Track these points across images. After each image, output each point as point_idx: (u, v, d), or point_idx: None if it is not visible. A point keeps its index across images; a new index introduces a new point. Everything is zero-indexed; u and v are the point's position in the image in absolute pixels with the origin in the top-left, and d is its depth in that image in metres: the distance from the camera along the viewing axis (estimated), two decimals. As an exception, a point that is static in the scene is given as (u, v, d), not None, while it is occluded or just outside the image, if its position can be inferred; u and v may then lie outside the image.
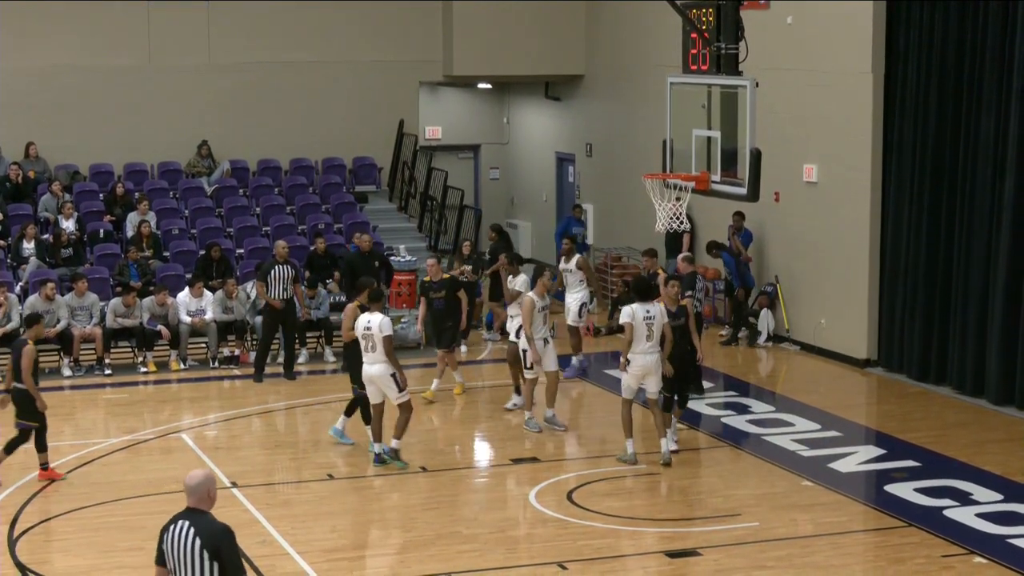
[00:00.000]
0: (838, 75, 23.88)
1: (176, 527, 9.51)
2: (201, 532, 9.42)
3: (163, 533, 9.58)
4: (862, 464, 18.51)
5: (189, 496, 9.60)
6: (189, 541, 9.41)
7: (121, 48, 29.98)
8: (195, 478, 9.62)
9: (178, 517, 9.57)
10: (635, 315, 17.95)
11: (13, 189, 28.11)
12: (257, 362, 23.43)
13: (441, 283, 22.17)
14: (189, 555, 9.40)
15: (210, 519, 9.53)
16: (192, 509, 9.57)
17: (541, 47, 31.82)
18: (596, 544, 15.38)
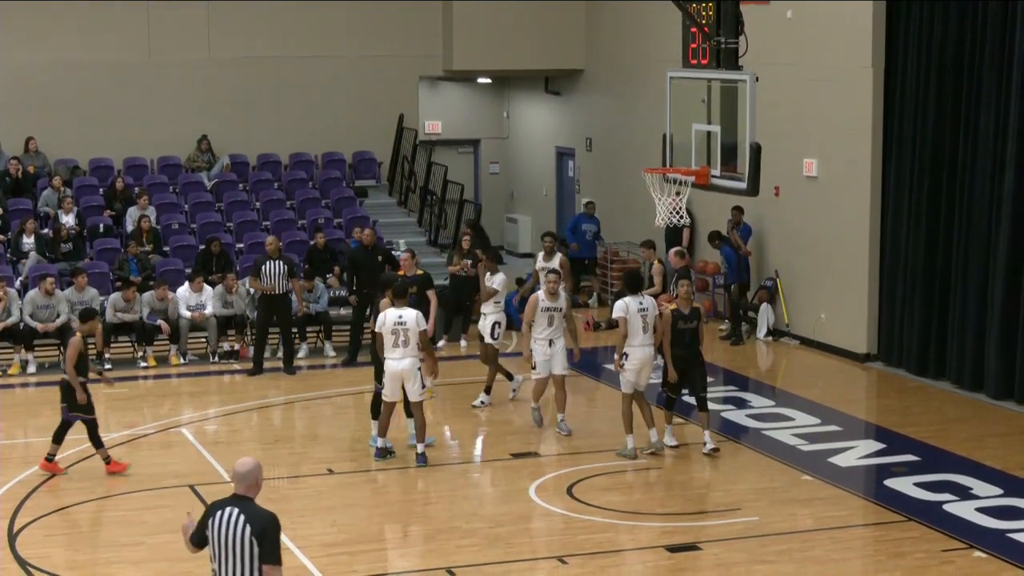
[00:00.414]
0: (838, 70, 23.88)
1: (224, 513, 9.61)
2: (251, 519, 9.55)
3: (208, 517, 9.68)
4: (862, 458, 18.52)
5: (238, 483, 9.69)
6: (239, 527, 9.53)
7: (121, 43, 29.97)
8: (245, 465, 9.73)
9: (225, 503, 9.68)
10: (628, 308, 18.02)
11: (13, 184, 28.11)
12: (255, 356, 23.43)
13: (414, 278, 21.32)
14: (238, 541, 9.52)
15: (258, 506, 9.66)
16: (240, 496, 9.68)
17: (541, 42, 31.82)
18: (596, 538, 15.38)
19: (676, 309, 18.21)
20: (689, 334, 18.26)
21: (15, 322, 23.45)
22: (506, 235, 35.74)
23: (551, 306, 19.21)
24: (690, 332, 18.27)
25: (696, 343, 18.39)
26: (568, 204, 33.53)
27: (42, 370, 23.57)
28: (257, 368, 23.33)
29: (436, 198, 30.62)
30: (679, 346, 18.23)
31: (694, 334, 18.34)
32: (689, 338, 18.26)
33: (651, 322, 18.05)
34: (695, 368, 18.42)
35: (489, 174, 36.24)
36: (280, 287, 23.18)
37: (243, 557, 9.52)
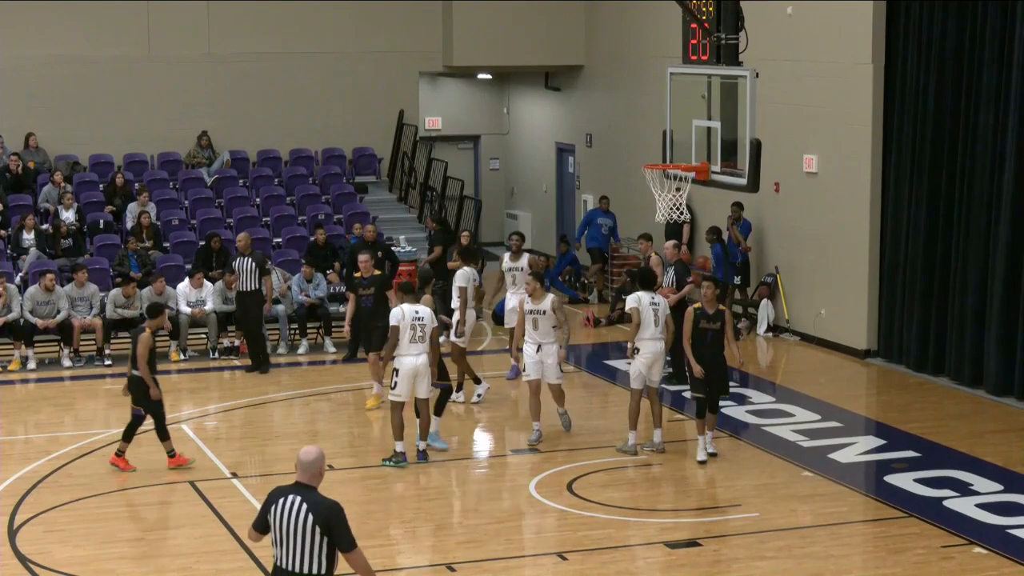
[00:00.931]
0: (838, 66, 23.87)
1: (287, 501, 9.74)
2: (313, 508, 9.67)
3: (271, 504, 9.82)
4: (862, 454, 18.52)
5: (302, 472, 9.80)
6: (301, 516, 9.67)
7: (121, 39, 29.97)
8: (310, 454, 9.84)
9: (288, 491, 9.80)
10: (641, 301, 17.97)
11: (13, 180, 28.11)
12: (251, 353, 23.44)
13: (371, 280, 21.06)
14: (300, 529, 9.67)
15: (320, 495, 9.77)
16: (302, 484, 9.81)
17: (541, 38, 31.81)
18: (596, 535, 15.39)
19: (700, 308, 17.79)
20: (712, 335, 17.75)
21: (15, 318, 23.44)
22: (506, 231, 35.71)
23: (533, 308, 18.61)
24: (713, 333, 17.75)
25: (719, 345, 17.82)
26: (568, 200, 33.52)
27: (42, 366, 23.57)
28: (258, 364, 23.32)
29: (436, 194, 30.62)
30: (701, 345, 17.78)
31: (717, 336, 17.80)
32: (712, 338, 17.75)
33: (661, 318, 18.03)
34: (716, 370, 17.86)
35: (489, 170, 36.25)
36: (250, 284, 22.97)
37: (304, 544, 9.69)
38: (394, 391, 17.58)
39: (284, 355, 24.28)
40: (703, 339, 17.77)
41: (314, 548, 9.70)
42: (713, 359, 17.80)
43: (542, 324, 18.57)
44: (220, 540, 15.26)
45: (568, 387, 22.26)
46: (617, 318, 26.54)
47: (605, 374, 23.14)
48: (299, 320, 24.80)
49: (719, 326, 17.75)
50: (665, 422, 18.59)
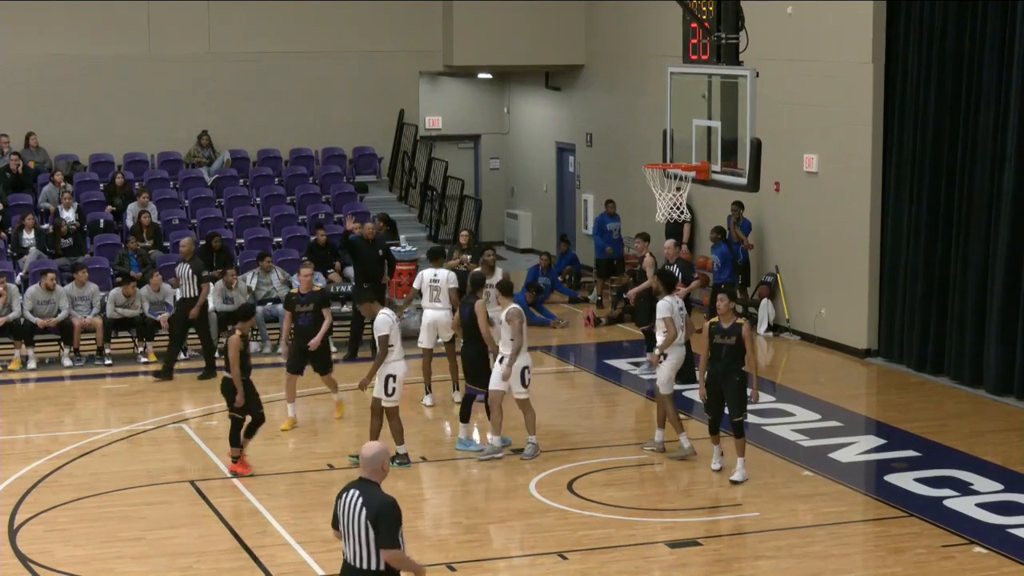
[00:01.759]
0: (838, 66, 23.87)
1: (348, 495, 9.95)
2: (368, 502, 9.79)
3: (338, 499, 10.03)
4: (862, 454, 18.53)
5: (364, 467, 9.95)
6: (357, 509, 9.85)
7: (121, 38, 29.97)
8: (372, 449, 10.00)
9: (351, 485, 10.00)
10: (672, 308, 17.70)
11: (13, 179, 28.11)
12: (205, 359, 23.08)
13: (311, 296, 20.19)
14: (356, 522, 9.86)
15: (378, 491, 9.88)
16: (364, 479, 9.96)
17: (541, 37, 31.82)
18: (596, 534, 15.39)
19: (716, 322, 16.91)
20: (727, 350, 16.78)
21: (15, 317, 23.43)
22: (507, 231, 35.76)
23: (492, 317, 18.41)
24: (728, 348, 16.77)
25: (733, 360, 16.78)
26: (568, 200, 33.52)
27: (42, 365, 23.57)
28: (207, 370, 22.90)
29: (436, 194, 30.62)
30: (714, 362, 16.92)
31: (732, 351, 16.76)
32: (726, 353, 16.79)
33: (683, 322, 17.97)
34: (729, 385, 16.85)
35: (489, 170, 36.25)
36: (189, 291, 22.66)
37: (359, 539, 9.83)
38: (391, 398, 17.47)
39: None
40: (717, 355, 16.89)
41: (368, 543, 9.82)
42: (725, 375, 16.87)
43: (503, 334, 17.90)
44: (220, 540, 15.26)
45: (569, 386, 22.34)
46: (617, 317, 26.53)
47: (606, 374, 23.13)
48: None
49: (735, 341, 16.74)
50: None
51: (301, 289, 20.42)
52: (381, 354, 17.29)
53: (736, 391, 16.87)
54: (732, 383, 16.83)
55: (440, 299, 20.40)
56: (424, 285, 20.52)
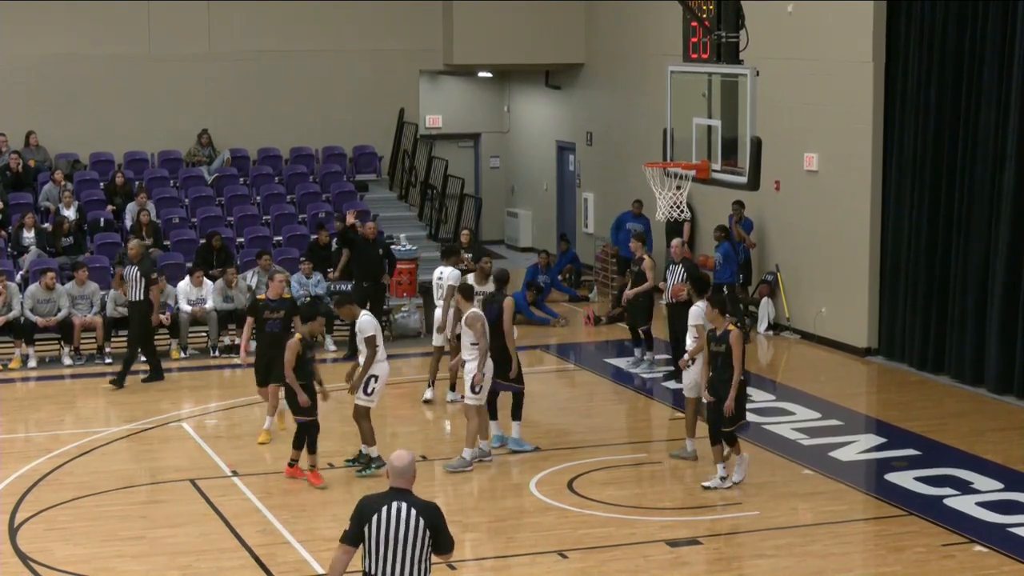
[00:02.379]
0: (839, 65, 23.86)
1: (392, 508, 9.47)
2: (421, 512, 9.46)
3: (370, 515, 9.48)
4: (862, 453, 18.52)
5: (397, 477, 9.57)
6: (411, 520, 9.43)
7: (121, 37, 29.95)
8: (403, 459, 9.62)
9: (387, 499, 9.53)
10: (703, 315, 17.17)
11: (13, 178, 28.11)
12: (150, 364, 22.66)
13: (281, 303, 19.12)
14: (411, 533, 9.42)
15: (420, 498, 9.58)
16: (400, 490, 9.56)
17: (541, 36, 31.81)
18: (596, 533, 15.39)
19: (712, 330, 16.44)
20: (721, 359, 16.27)
21: (16, 316, 23.43)
22: (507, 229, 35.76)
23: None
24: (722, 357, 16.26)
25: (725, 368, 16.22)
26: (569, 198, 33.52)
27: (42, 364, 23.57)
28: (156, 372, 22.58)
29: (437, 192, 30.62)
30: (712, 368, 16.51)
31: (725, 358, 16.22)
32: (721, 363, 16.26)
33: None
34: (722, 395, 16.34)
35: (490, 168, 36.26)
36: (137, 294, 22.38)
37: (414, 550, 9.42)
38: (368, 397, 17.36)
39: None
40: (714, 362, 16.45)
41: (423, 554, 9.44)
42: (720, 384, 16.35)
43: (464, 339, 17.64)
44: (221, 538, 15.26)
45: (568, 385, 22.34)
46: (618, 316, 26.52)
47: (605, 372, 23.13)
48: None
49: (724, 349, 16.22)
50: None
51: (270, 295, 19.21)
52: (370, 355, 17.19)
53: (725, 405, 16.34)
54: (725, 392, 16.31)
55: (443, 298, 20.45)
56: (433, 283, 20.84)
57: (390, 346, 19.34)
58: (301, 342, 16.93)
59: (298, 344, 16.89)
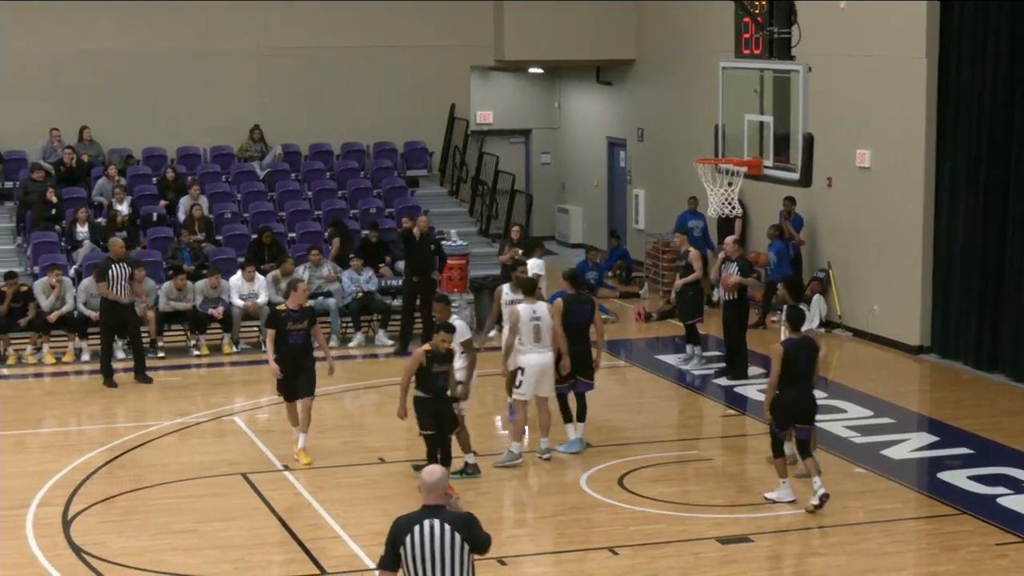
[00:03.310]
0: (891, 60, 23.76)
1: (426, 527, 9.25)
2: (457, 527, 9.25)
3: (404, 535, 9.28)
4: (915, 451, 18.44)
5: (428, 493, 9.34)
6: (447, 536, 9.22)
7: (175, 32, 30.10)
8: (434, 475, 9.41)
9: (420, 517, 9.31)
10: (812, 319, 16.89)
11: (67, 173, 28.28)
12: (104, 364, 22.35)
13: (302, 313, 17.77)
14: (448, 550, 9.21)
15: (453, 512, 9.36)
16: (433, 506, 9.34)
17: (592, 32, 31.79)
18: (647, 529, 15.37)
19: (790, 339, 15.90)
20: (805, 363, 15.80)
21: (69, 310, 23.57)
22: (557, 226, 35.75)
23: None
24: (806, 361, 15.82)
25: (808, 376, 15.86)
26: (619, 195, 33.49)
27: (96, 358, 23.67)
28: (109, 379, 22.23)
29: (487, 188, 30.63)
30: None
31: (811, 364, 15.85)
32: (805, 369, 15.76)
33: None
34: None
35: (540, 164, 36.26)
36: (125, 291, 22.27)
37: (454, 565, 9.21)
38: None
39: (335, 348, 24.34)
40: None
41: (463, 568, 9.24)
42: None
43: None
44: (272, 532, 15.32)
45: (619, 382, 22.32)
46: (668, 312, 26.47)
47: (656, 368, 23.10)
48: (352, 313, 24.86)
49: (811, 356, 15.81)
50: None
51: (291, 304, 17.88)
52: (472, 359, 17.05)
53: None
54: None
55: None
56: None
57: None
58: (427, 354, 16.10)
59: (422, 355, 16.10)
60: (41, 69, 29.26)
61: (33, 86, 29.20)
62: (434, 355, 16.07)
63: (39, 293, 23.61)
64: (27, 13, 29.00)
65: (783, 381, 15.66)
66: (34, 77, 29.22)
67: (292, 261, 25.22)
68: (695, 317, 22.93)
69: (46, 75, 29.30)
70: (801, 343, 15.80)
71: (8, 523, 15.63)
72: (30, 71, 29.18)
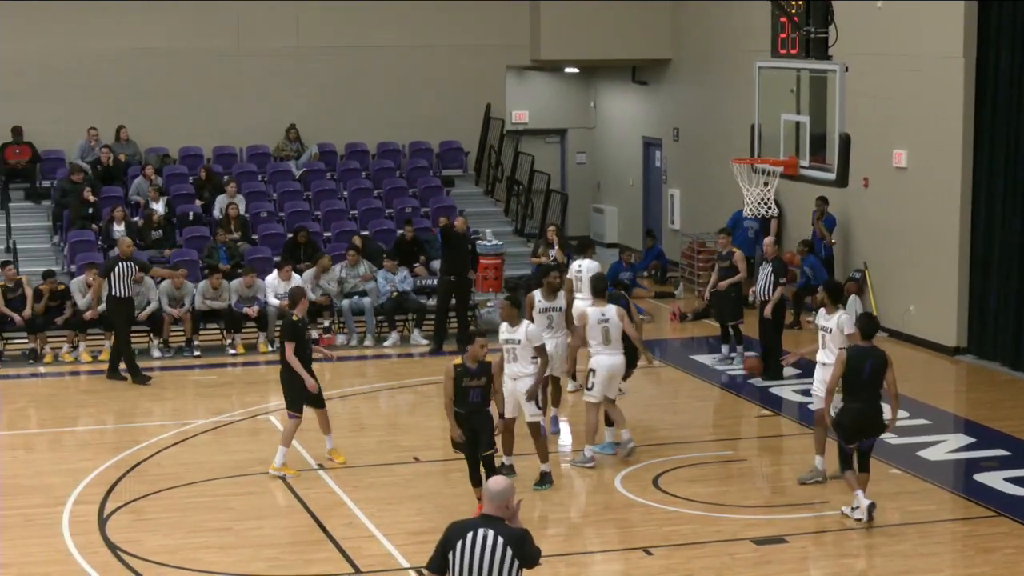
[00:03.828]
0: (928, 60, 23.66)
1: (477, 536, 9.13)
2: (509, 540, 9.11)
3: (455, 540, 9.17)
4: (951, 452, 18.36)
5: (490, 503, 9.21)
6: (498, 549, 9.10)
7: (211, 32, 30.22)
8: (499, 484, 9.24)
9: (475, 525, 9.20)
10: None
11: (104, 172, 28.39)
12: (113, 361, 22.54)
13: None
14: (496, 562, 9.09)
15: (508, 526, 9.20)
16: (491, 517, 9.20)
17: (628, 31, 31.75)
18: (682, 530, 15.34)
19: (855, 346, 15.71)
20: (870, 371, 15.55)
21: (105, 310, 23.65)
22: (592, 225, 35.71)
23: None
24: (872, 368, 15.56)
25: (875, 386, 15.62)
26: (655, 194, 33.44)
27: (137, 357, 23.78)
28: (113, 372, 22.41)
29: (523, 188, 30.63)
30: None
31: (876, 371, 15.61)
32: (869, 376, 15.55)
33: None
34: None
35: (576, 164, 36.24)
36: (129, 290, 22.40)
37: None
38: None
39: (371, 347, 24.38)
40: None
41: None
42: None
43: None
44: (307, 531, 15.35)
45: (654, 382, 22.27)
46: (703, 312, 26.42)
47: (691, 368, 23.06)
48: (386, 313, 24.88)
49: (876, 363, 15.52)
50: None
51: (299, 313, 17.31)
52: (544, 363, 16.62)
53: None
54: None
55: (583, 289, 19.88)
56: (572, 275, 20.51)
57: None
58: (456, 369, 15.43)
59: (452, 371, 15.45)
60: (78, 69, 29.41)
61: (71, 86, 29.36)
62: (464, 369, 15.40)
63: (75, 292, 23.70)
64: (64, 14, 29.16)
65: (846, 391, 15.41)
66: (72, 77, 29.37)
67: (329, 257, 25.26)
68: (737, 318, 22.95)
69: (83, 75, 29.44)
70: (867, 352, 15.53)
71: (44, 521, 15.70)
72: (68, 71, 29.35)
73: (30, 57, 29.12)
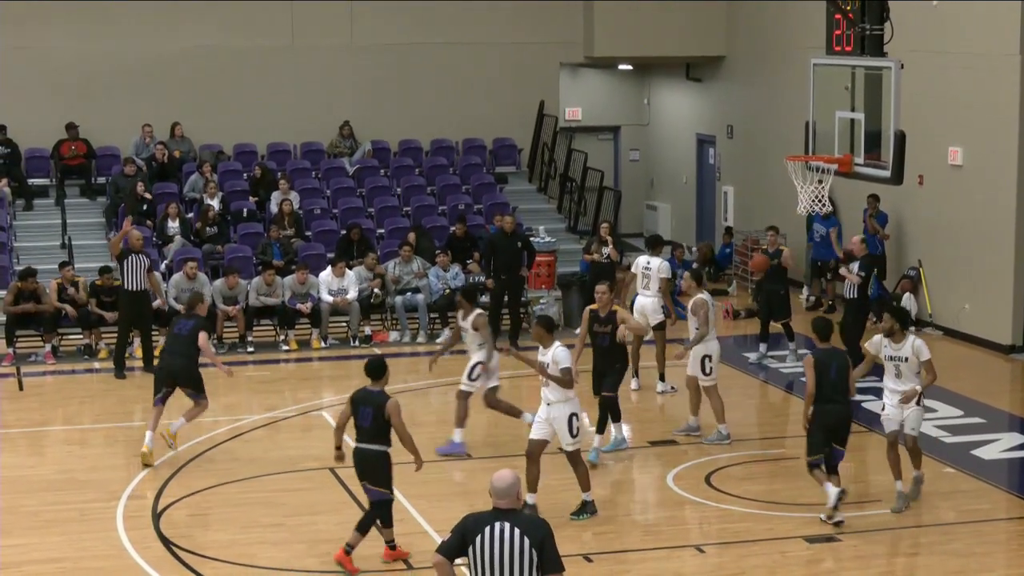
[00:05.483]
0: (984, 57, 23.52)
1: (495, 529, 9.16)
2: (527, 531, 9.14)
3: (473, 535, 9.20)
4: (1006, 451, 18.27)
5: (500, 498, 9.23)
6: (516, 541, 9.11)
7: (265, 29, 30.32)
8: (505, 479, 9.27)
9: (492, 519, 9.21)
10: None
11: (159, 168, 28.54)
12: (117, 356, 22.69)
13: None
14: (516, 555, 9.11)
15: (527, 516, 9.29)
16: (504, 510, 9.22)
17: (682, 28, 31.70)
18: (734, 528, 15.32)
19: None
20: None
21: (159, 306, 23.74)
22: (646, 222, 35.66)
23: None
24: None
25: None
26: (708, 192, 33.37)
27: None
28: (120, 371, 22.58)
29: (576, 185, 30.61)
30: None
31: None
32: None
33: None
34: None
35: (629, 161, 36.18)
36: (141, 283, 22.48)
37: (521, 571, 9.12)
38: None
39: (423, 344, 24.42)
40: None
41: (532, 573, 9.11)
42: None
43: (689, 324, 17.64)
44: (359, 527, 15.38)
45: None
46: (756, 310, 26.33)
47: (743, 366, 23.00)
48: (439, 310, 24.91)
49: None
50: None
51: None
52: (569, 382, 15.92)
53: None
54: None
55: (650, 287, 20.91)
56: (638, 271, 21.19)
57: (527, 339, 19.33)
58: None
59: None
60: (133, 66, 29.58)
61: (126, 83, 29.54)
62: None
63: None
64: (119, 13, 29.33)
65: (818, 395, 15.30)
66: (127, 74, 29.55)
67: (376, 256, 25.29)
68: (786, 316, 22.91)
69: (138, 72, 29.61)
70: (831, 353, 15.50)
71: (99, 515, 15.82)
72: (122, 69, 29.52)
73: (85, 55, 29.33)
